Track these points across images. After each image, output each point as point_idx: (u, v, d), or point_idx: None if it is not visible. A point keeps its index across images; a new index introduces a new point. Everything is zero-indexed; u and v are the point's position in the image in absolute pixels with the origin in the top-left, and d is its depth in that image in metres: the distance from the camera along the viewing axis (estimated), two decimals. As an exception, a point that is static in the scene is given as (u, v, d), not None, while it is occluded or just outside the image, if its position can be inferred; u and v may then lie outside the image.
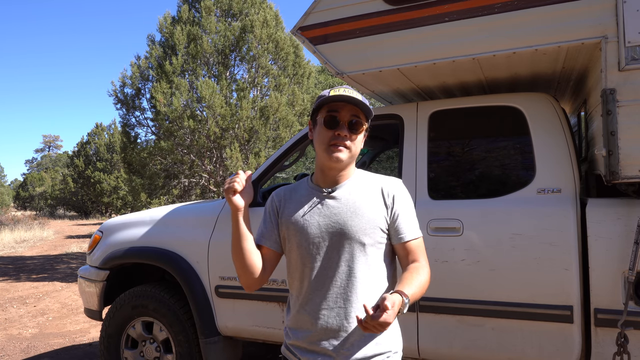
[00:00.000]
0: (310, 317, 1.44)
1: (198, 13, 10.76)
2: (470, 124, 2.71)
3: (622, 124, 1.99)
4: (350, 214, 1.44)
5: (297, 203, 1.51)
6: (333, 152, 1.42)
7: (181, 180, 11.26)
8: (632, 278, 2.03)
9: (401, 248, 1.48)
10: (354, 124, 1.43)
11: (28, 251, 14.29)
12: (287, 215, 1.51)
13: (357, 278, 1.42)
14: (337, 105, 1.43)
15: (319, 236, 1.44)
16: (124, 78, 10.91)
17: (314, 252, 1.45)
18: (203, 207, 3.28)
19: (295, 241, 1.47)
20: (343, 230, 1.43)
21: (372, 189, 1.50)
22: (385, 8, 2.43)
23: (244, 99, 10.09)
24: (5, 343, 5.07)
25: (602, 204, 2.19)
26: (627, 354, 2.03)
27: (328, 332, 1.42)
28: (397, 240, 1.48)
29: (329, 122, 1.43)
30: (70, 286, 8.30)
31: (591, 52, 2.21)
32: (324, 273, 1.44)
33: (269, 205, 1.57)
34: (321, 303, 1.44)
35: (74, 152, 32.96)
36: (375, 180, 1.53)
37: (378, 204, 1.47)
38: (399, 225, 1.47)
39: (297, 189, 1.56)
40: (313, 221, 1.46)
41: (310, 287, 1.45)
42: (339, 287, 1.43)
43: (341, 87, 1.47)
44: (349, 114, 1.43)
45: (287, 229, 1.49)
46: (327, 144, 1.42)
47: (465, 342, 2.40)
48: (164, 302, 3.11)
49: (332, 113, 1.43)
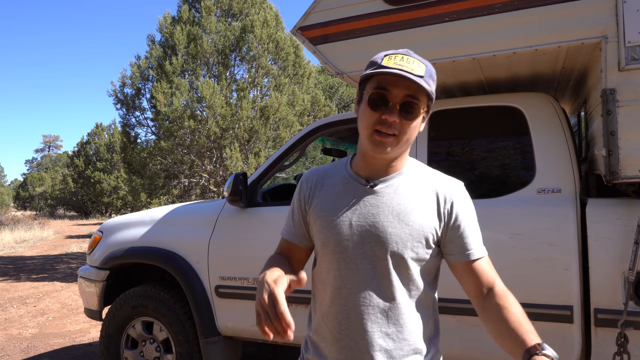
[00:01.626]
0: (331, 333, 1.18)
1: (198, 13, 10.77)
2: (470, 124, 2.71)
3: (622, 124, 1.99)
4: (391, 218, 1.15)
5: (330, 192, 1.21)
6: (377, 141, 1.10)
7: (181, 180, 11.27)
8: (632, 278, 2.03)
9: (465, 268, 1.18)
10: (409, 106, 1.09)
11: (28, 251, 14.29)
12: (316, 206, 1.22)
13: (391, 299, 1.14)
14: (388, 81, 1.09)
15: (349, 239, 1.15)
16: (123, 78, 10.92)
17: (341, 256, 1.16)
18: (203, 207, 3.28)
19: (322, 239, 1.19)
20: (380, 237, 1.14)
21: (425, 190, 1.19)
22: (385, 8, 2.43)
23: (244, 99, 10.10)
24: (5, 343, 5.07)
25: (602, 204, 2.19)
26: (627, 354, 2.03)
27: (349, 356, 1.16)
28: (462, 258, 1.18)
29: (375, 101, 1.10)
30: (70, 286, 8.30)
31: (591, 52, 2.21)
32: (349, 286, 1.15)
33: (297, 193, 1.29)
34: (345, 321, 1.15)
35: (74, 152, 32.95)
36: (431, 178, 1.21)
37: (429, 210, 1.17)
38: (462, 240, 1.18)
39: (332, 173, 1.25)
40: (345, 219, 1.16)
41: (332, 297, 1.17)
42: (368, 306, 1.14)
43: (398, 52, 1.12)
44: (403, 93, 1.09)
45: (315, 222, 1.21)
46: (371, 128, 1.11)
47: (465, 342, 2.40)
48: (164, 302, 3.11)
49: (381, 90, 1.09)
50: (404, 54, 1.12)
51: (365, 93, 1.14)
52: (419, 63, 1.10)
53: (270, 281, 1.00)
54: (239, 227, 2.93)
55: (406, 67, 1.08)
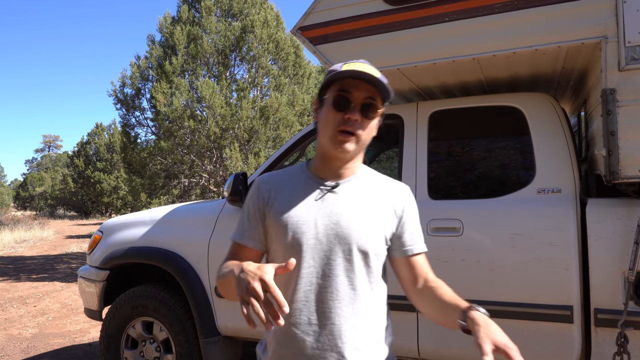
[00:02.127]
0: (298, 332, 1.21)
1: (198, 13, 10.77)
2: (470, 124, 2.71)
3: (622, 124, 1.99)
4: (356, 216, 1.23)
5: (291, 195, 1.26)
6: (340, 141, 1.19)
7: (181, 180, 11.26)
8: (632, 278, 2.03)
9: (406, 262, 1.29)
10: (369, 107, 1.20)
11: (28, 251, 14.29)
12: (277, 209, 1.25)
13: (356, 291, 1.21)
14: (350, 83, 1.19)
15: (315, 237, 1.21)
16: (123, 78, 10.92)
17: (306, 255, 1.21)
18: (203, 207, 3.29)
19: (283, 240, 1.22)
20: (346, 235, 1.21)
21: (380, 192, 1.29)
22: (385, 8, 2.43)
23: (244, 99, 10.10)
24: (5, 343, 5.07)
25: (602, 204, 2.19)
26: (627, 354, 2.03)
27: (318, 352, 1.20)
28: (403, 252, 1.29)
29: (338, 103, 1.19)
30: (70, 286, 8.29)
31: (591, 52, 2.21)
32: (317, 282, 1.21)
33: (253, 196, 1.30)
34: (312, 317, 1.20)
35: (74, 152, 32.95)
36: (384, 182, 1.33)
37: (386, 210, 1.27)
38: (407, 237, 1.30)
39: (289, 177, 1.31)
40: (309, 218, 1.22)
41: (297, 296, 1.21)
42: (334, 300, 1.20)
43: (356, 61, 1.23)
44: (364, 95, 1.19)
45: (276, 225, 1.24)
46: (334, 129, 1.19)
47: (465, 342, 2.40)
48: (164, 302, 3.11)
49: (344, 93, 1.19)
50: (362, 62, 1.23)
51: (328, 98, 1.23)
52: (375, 70, 1.21)
53: (254, 270, 1.01)
54: (239, 227, 2.93)
55: (366, 70, 1.18)
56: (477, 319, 1.11)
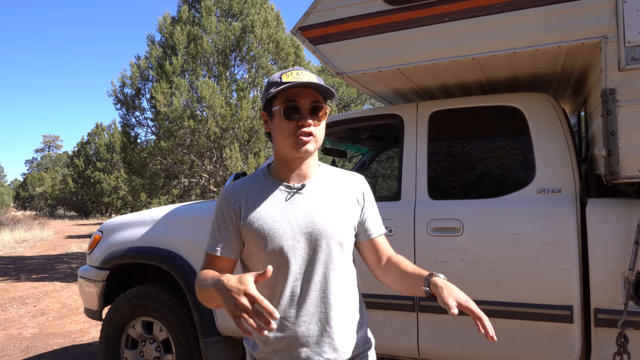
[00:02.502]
0: (289, 325, 1.31)
1: (198, 13, 10.77)
2: (470, 124, 2.71)
3: (622, 124, 1.99)
4: (326, 212, 1.33)
5: (260, 202, 1.33)
6: (300, 145, 1.28)
7: (181, 180, 11.27)
8: (632, 278, 2.03)
9: (370, 244, 1.44)
10: (317, 109, 1.30)
11: (28, 251, 14.29)
12: (250, 217, 1.32)
13: (336, 278, 1.33)
14: (294, 93, 1.28)
15: (293, 237, 1.30)
16: (123, 78, 10.92)
17: (288, 255, 1.30)
18: (203, 207, 3.29)
19: (263, 245, 1.30)
20: (321, 230, 1.31)
21: (341, 185, 1.40)
22: (385, 8, 2.43)
23: (244, 99, 10.10)
24: (5, 343, 5.07)
25: (602, 204, 2.19)
26: (627, 354, 2.03)
27: (310, 339, 1.31)
28: (367, 236, 1.43)
29: (289, 112, 1.28)
30: (70, 286, 8.29)
31: (591, 52, 2.21)
32: (301, 277, 1.31)
33: (223, 209, 1.36)
34: (301, 309, 1.31)
35: (74, 152, 32.96)
36: (341, 175, 1.44)
37: (350, 200, 1.39)
38: (370, 222, 1.43)
39: (255, 185, 1.37)
40: (284, 221, 1.30)
41: (285, 293, 1.31)
42: (318, 291, 1.31)
43: (292, 70, 1.32)
44: (309, 100, 1.29)
45: (252, 232, 1.31)
46: (291, 136, 1.28)
47: (465, 342, 2.40)
48: (164, 302, 3.11)
49: (291, 102, 1.28)
50: (298, 70, 1.32)
51: (277, 110, 1.30)
52: (312, 74, 1.30)
53: (236, 285, 1.09)
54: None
55: (304, 78, 1.27)
56: (439, 283, 1.22)
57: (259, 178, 1.40)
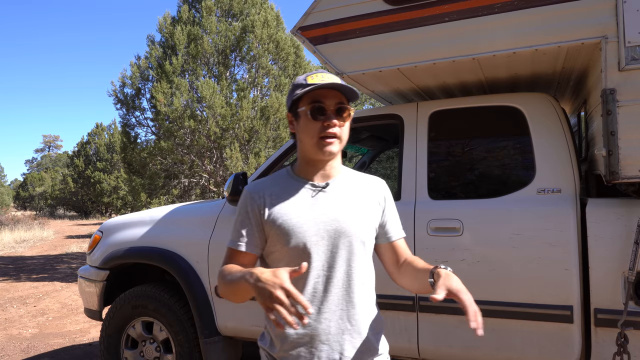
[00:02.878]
0: (310, 321, 1.32)
1: (198, 13, 10.76)
2: (470, 124, 2.71)
3: (622, 124, 1.99)
4: (348, 210, 1.36)
5: (285, 198, 1.36)
6: (325, 145, 1.31)
7: (181, 180, 11.26)
8: (632, 278, 2.03)
9: (390, 247, 1.47)
10: (342, 110, 1.34)
11: (28, 251, 14.29)
12: (274, 213, 1.34)
13: (357, 278, 1.35)
14: (320, 94, 1.32)
15: (317, 234, 1.32)
16: (123, 78, 10.91)
17: (311, 251, 1.31)
18: (203, 207, 3.29)
19: (287, 241, 1.32)
20: (344, 228, 1.33)
21: (364, 186, 1.44)
22: (385, 8, 2.43)
23: (244, 99, 10.09)
24: (5, 343, 5.07)
25: (602, 204, 2.19)
26: (627, 354, 2.03)
27: (331, 336, 1.32)
28: (387, 239, 1.46)
29: (316, 113, 1.31)
30: (70, 286, 8.30)
31: (591, 52, 2.21)
32: (323, 274, 1.33)
33: (247, 204, 1.38)
34: (322, 306, 1.32)
35: (74, 152, 32.97)
36: (363, 178, 1.48)
37: (371, 202, 1.42)
38: (390, 225, 1.46)
39: (279, 183, 1.40)
40: (308, 218, 1.32)
41: (307, 289, 1.32)
42: (340, 288, 1.33)
43: (316, 72, 1.36)
44: (334, 102, 1.33)
45: (277, 228, 1.33)
46: (317, 136, 1.31)
47: (465, 342, 2.40)
48: (164, 302, 3.11)
49: (318, 103, 1.31)
50: (322, 72, 1.35)
51: (302, 111, 1.34)
52: (335, 77, 1.34)
53: (271, 278, 1.10)
54: (239, 227, 2.92)
55: (329, 80, 1.31)
56: (440, 273, 1.25)
57: (282, 176, 1.43)
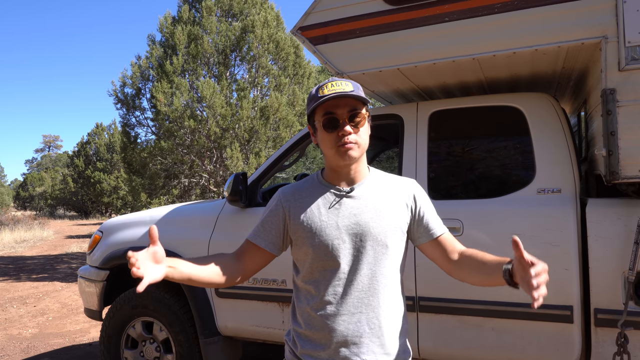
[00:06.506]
0: (328, 323, 1.35)
1: (198, 13, 10.77)
2: (470, 124, 2.71)
3: (622, 124, 1.99)
4: (372, 214, 1.37)
5: (310, 202, 1.41)
6: (344, 153, 1.34)
7: (181, 180, 11.26)
8: (632, 278, 2.03)
9: (435, 244, 1.44)
10: (355, 116, 1.34)
11: (28, 251, 14.29)
12: (299, 217, 1.40)
13: (380, 282, 1.36)
14: (331, 105, 1.34)
15: (339, 237, 1.35)
16: (124, 78, 10.91)
17: (334, 254, 1.35)
18: (203, 207, 3.29)
19: (311, 244, 1.37)
20: (366, 232, 1.35)
21: (391, 189, 1.43)
22: (385, 8, 2.43)
23: (245, 99, 10.09)
24: (5, 343, 5.07)
25: (602, 204, 2.19)
26: (627, 354, 2.03)
27: (348, 339, 1.34)
28: (429, 237, 1.43)
29: (328, 124, 1.34)
30: (70, 286, 8.30)
31: (591, 52, 2.21)
32: (345, 277, 1.35)
33: (274, 206, 1.46)
34: (340, 308, 1.35)
35: (74, 152, 32.96)
36: (392, 180, 1.47)
37: (399, 204, 1.41)
38: (428, 222, 1.44)
39: (306, 188, 1.46)
40: (331, 222, 1.37)
41: (328, 291, 1.36)
42: (360, 292, 1.35)
43: (328, 81, 1.37)
44: (347, 109, 1.34)
45: (301, 231, 1.39)
46: (335, 147, 1.34)
47: (465, 342, 2.40)
48: (164, 302, 3.11)
49: (329, 115, 1.34)
50: (332, 81, 1.37)
51: (317, 123, 1.38)
52: (346, 82, 1.36)
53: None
54: (239, 227, 2.92)
55: (339, 89, 1.33)
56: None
57: (312, 181, 1.48)
